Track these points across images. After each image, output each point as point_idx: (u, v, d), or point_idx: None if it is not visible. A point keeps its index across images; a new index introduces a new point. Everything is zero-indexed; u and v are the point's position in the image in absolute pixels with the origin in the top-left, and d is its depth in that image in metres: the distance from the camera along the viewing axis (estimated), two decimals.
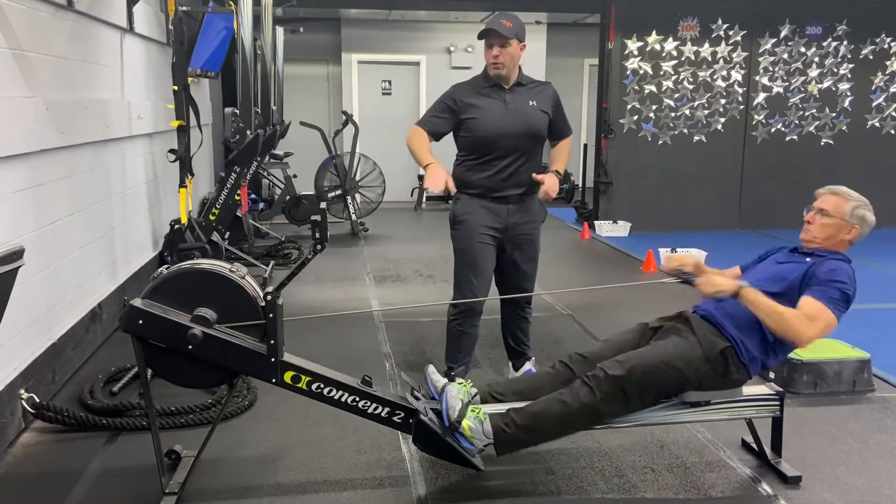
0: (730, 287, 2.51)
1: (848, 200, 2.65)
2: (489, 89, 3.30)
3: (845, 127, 8.53)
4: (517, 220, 3.33)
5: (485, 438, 2.46)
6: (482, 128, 3.25)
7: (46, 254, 3.37)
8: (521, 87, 3.32)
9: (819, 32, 8.34)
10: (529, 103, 3.29)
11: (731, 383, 2.61)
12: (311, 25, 9.58)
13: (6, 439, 2.89)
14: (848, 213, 2.63)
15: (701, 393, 2.59)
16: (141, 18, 4.95)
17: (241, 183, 5.78)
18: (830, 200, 2.68)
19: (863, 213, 2.64)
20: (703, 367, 2.53)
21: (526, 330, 3.57)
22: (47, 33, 3.44)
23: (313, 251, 2.42)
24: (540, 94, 3.34)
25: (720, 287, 2.52)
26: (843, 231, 2.64)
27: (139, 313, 2.33)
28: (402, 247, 7.31)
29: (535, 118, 3.29)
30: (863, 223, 2.64)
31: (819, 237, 2.66)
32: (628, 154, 8.24)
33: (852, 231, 2.63)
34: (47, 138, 3.34)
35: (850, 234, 2.64)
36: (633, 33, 8.09)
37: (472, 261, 3.32)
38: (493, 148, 3.25)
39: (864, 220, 2.64)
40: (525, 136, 3.25)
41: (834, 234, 2.64)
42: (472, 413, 2.48)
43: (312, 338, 4.07)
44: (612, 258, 6.96)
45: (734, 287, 2.50)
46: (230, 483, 2.64)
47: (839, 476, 2.76)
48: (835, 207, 2.65)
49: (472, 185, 3.32)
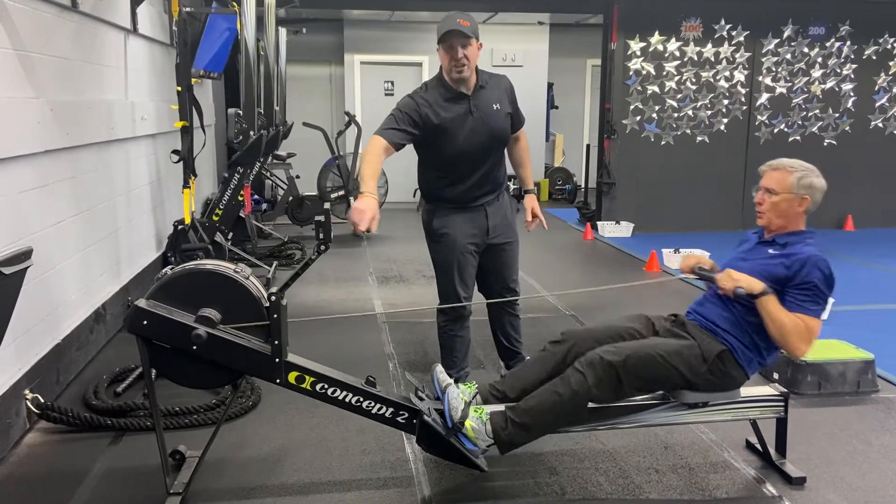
0: (756, 285, 2.47)
1: (791, 172, 2.58)
2: (453, 100, 3.12)
3: (848, 127, 8.51)
4: (495, 222, 3.30)
5: (488, 439, 2.46)
6: (452, 145, 3.13)
7: (51, 254, 3.38)
8: (482, 90, 3.17)
9: (822, 33, 8.32)
10: (494, 107, 3.18)
11: (729, 385, 2.60)
12: (314, 26, 9.59)
13: (11, 439, 2.89)
14: (794, 184, 2.56)
15: (699, 394, 2.59)
16: (144, 19, 4.96)
17: (244, 183, 5.79)
18: (774, 177, 2.61)
19: (809, 181, 2.57)
20: (700, 367, 2.52)
21: (517, 327, 3.52)
22: (51, 34, 3.45)
23: (317, 251, 2.42)
24: (499, 90, 3.24)
25: (740, 281, 2.49)
26: (795, 204, 2.57)
27: (143, 314, 2.33)
28: (404, 247, 7.31)
29: (501, 123, 3.22)
30: (812, 190, 2.57)
31: (773, 218, 2.62)
32: (631, 155, 8.24)
33: (804, 202, 2.57)
34: (51, 139, 3.35)
35: (803, 206, 2.58)
36: (636, 34, 8.09)
37: (458, 274, 3.26)
38: (464, 161, 3.17)
39: (813, 186, 2.57)
40: (493, 143, 3.20)
41: (787, 211, 2.58)
42: (475, 413, 2.48)
43: (316, 338, 4.08)
44: (615, 259, 6.95)
45: (760, 286, 2.47)
46: (234, 483, 2.65)
47: (844, 477, 2.75)
48: (779, 183, 2.59)
49: (447, 200, 3.25)
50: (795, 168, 2.59)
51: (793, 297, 2.49)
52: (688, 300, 2.84)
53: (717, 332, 2.58)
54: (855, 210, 8.39)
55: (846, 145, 8.48)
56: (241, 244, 6.29)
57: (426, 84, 3.22)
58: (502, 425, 2.47)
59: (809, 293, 2.47)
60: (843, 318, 4.82)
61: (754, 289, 2.47)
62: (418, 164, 3.34)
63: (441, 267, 3.33)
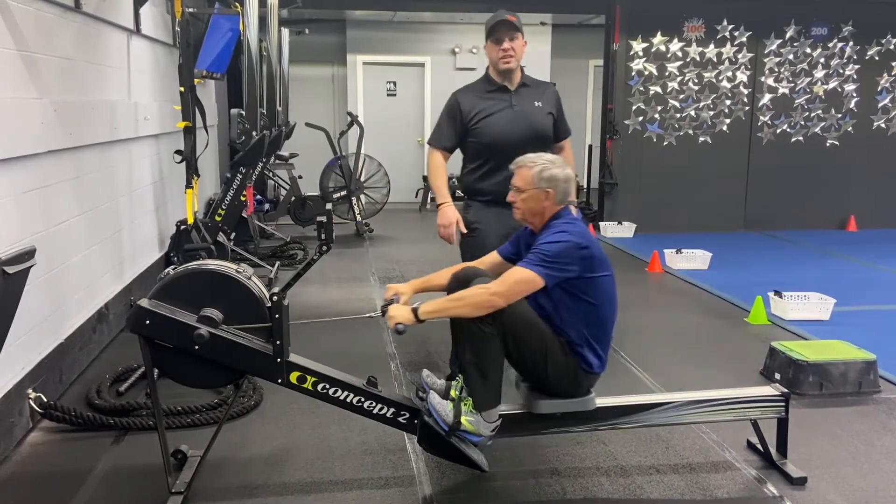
0: (404, 316, 2.43)
1: (531, 167, 2.58)
2: (494, 93, 3.26)
3: (851, 128, 8.50)
4: None
5: (487, 423, 2.47)
6: (489, 133, 3.22)
7: (54, 254, 3.39)
8: (525, 88, 3.30)
9: (825, 33, 8.32)
10: (535, 104, 3.27)
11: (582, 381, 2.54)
12: (317, 27, 9.60)
13: (14, 438, 2.90)
14: (534, 179, 2.56)
15: (552, 402, 2.53)
16: (147, 20, 4.97)
17: (246, 184, 5.79)
18: (520, 174, 2.61)
19: (549, 173, 2.55)
20: (559, 351, 2.47)
21: None
22: (55, 35, 3.46)
23: (319, 252, 2.43)
24: (544, 94, 3.33)
25: (396, 318, 2.44)
26: (541, 198, 2.56)
27: (146, 313, 2.34)
28: (406, 248, 7.32)
29: (541, 119, 3.28)
30: (554, 181, 2.54)
31: (528, 214, 2.62)
32: (633, 155, 8.24)
33: (549, 195, 2.55)
34: (55, 139, 3.36)
35: (549, 198, 2.56)
36: (638, 34, 8.09)
37: None
38: (500, 152, 3.21)
39: (554, 178, 2.55)
40: (532, 138, 3.23)
41: (536, 206, 2.57)
42: (466, 407, 2.48)
43: (318, 338, 4.08)
44: (617, 259, 6.95)
45: (408, 315, 2.42)
46: (236, 483, 2.65)
47: (845, 477, 2.75)
48: (523, 180, 2.59)
49: (483, 192, 3.30)
50: (535, 163, 2.59)
51: (527, 258, 2.46)
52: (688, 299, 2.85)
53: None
54: (857, 211, 8.38)
55: (849, 146, 8.47)
56: (244, 244, 6.30)
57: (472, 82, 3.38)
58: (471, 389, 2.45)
59: (536, 252, 2.44)
60: (845, 318, 4.82)
61: (405, 319, 2.42)
62: (462, 166, 3.40)
63: (467, 259, 3.34)
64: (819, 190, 8.41)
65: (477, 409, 2.47)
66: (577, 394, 2.56)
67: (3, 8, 2.91)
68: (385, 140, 10.16)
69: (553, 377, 2.51)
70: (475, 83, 3.36)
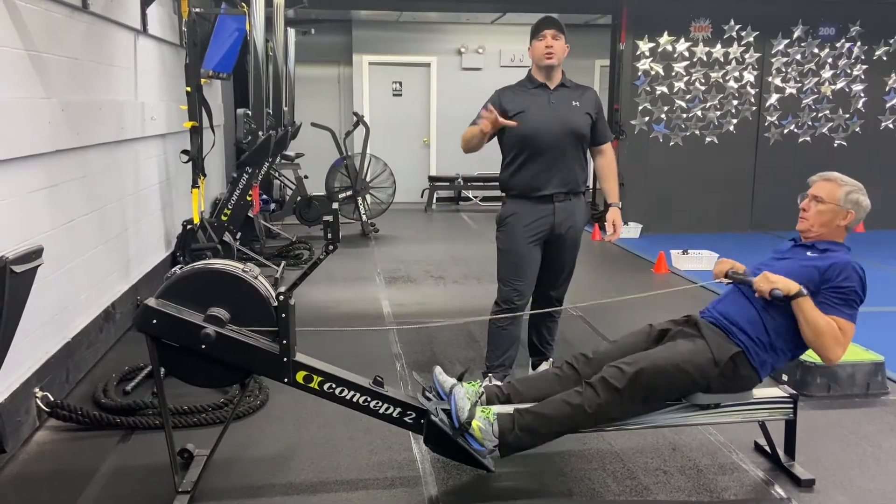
0: (792, 286, 2.48)
1: (841, 186, 2.64)
2: (534, 90, 3.33)
3: (859, 128, 8.47)
4: (561, 219, 3.33)
5: (494, 439, 2.46)
6: (525, 125, 3.26)
7: (61, 253, 3.40)
8: (564, 89, 3.35)
9: (832, 33, 8.28)
10: (573, 104, 3.31)
11: (741, 386, 2.60)
12: (323, 27, 9.61)
13: (21, 437, 2.91)
14: (842, 198, 2.62)
15: (711, 396, 2.58)
16: (154, 20, 4.98)
17: (252, 184, 5.80)
18: (824, 187, 2.67)
19: (857, 198, 2.63)
20: (711, 370, 2.52)
21: (553, 330, 3.59)
22: (62, 35, 3.47)
23: (325, 251, 2.42)
24: (583, 96, 3.37)
25: (777, 283, 2.49)
26: (839, 217, 2.63)
27: (153, 313, 2.35)
28: (412, 248, 7.32)
29: (578, 118, 3.30)
30: (857, 207, 2.63)
31: (815, 225, 2.67)
32: (639, 155, 8.22)
33: (848, 216, 2.63)
34: (62, 139, 3.37)
35: (846, 220, 2.63)
36: (645, 34, 8.07)
37: (514, 262, 3.34)
38: (535, 145, 3.25)
39: (859, 204, 2.63)
40: (568, 134, 3.26)
41: (830, 221, 2.64)
42: (482, 413, 2.48)
43: (324, 338, 4.08)
44: (623, 260, 6.93)
45: (796, 287, 2.48)
46: (242, 482, 2.66)
47: (853, 479, 2.74)
48: (829, 194, 2.64)
49: (517, 186, 3.34)
50: (846, 183, 2.66)
51: (828, 300, 2.51)
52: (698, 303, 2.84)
53: (733, 332, 2.57)
54: None
55: (856, 146, 8.44)
56: (250, 244, 6.31)
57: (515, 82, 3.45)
58: (510, 427, 2.47)
59: (845, 297, 2.49)
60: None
61: (791, 290, 2.48)
62: (501, 163, 3.43)
63: (500, 253, 3.42)
64: None
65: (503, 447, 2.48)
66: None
67: (12, 8, 2.92)
68: (391, 140, 10.17)
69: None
70: (517, 83, 3.43)
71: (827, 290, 2.51)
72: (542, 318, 3.55)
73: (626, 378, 2.46)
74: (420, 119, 10.58)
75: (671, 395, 2.57)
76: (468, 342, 4.28)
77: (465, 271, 6.21)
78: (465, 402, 2.47)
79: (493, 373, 3.35)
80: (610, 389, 2.46)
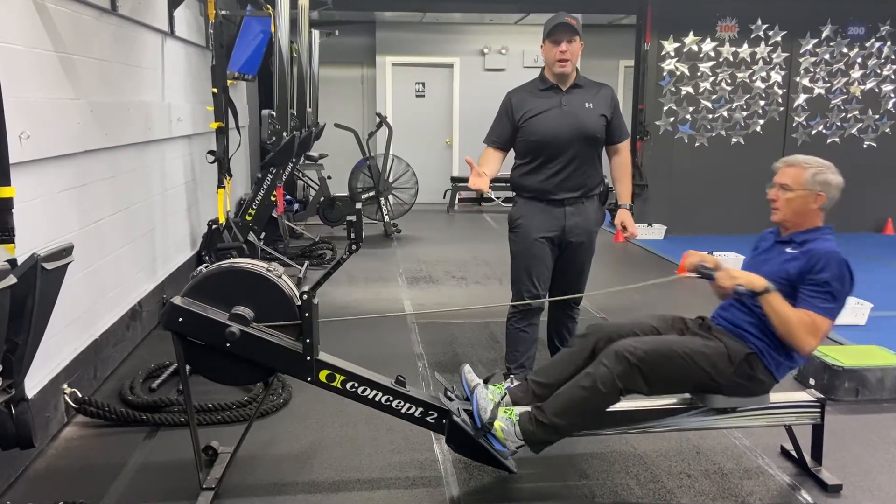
0: (756, 282, 2.43)
1: (806, 168, 2.53)
2: (545, 91, 3.28)
3: (889, 129, 8.31)
4: (574, 222, 3.30)
5: (517, 440, 2.45)
6: (536, 132, 3.24)
7: (89, 252, 3.45)
8: (578, 89, 3.29)
9: (861, 33, 8.15)
10: (586, 105, 3.26)
11: (757, 389, 2.55)
12: (347, 28, 9.66)
13: (49, 433, 2.96)
14: (809, 181, 2.51)
15: (728, 399, 2.54)
16: (181, 22, 5.04)
17: (276, 184, 5.85)
18: (788, 173, 2.57)
19: (825, 177, 2.51)
20: (727, 368, 2.46)
21: (573, 330, 3.56)
22: (91, 37, 3.52)
23: (349, 251, 2.43)
24: (597, 95, 3.31)
25: (738, 279, 2.45)
26: (810, 201, 2.52)
27: (179, 311, 2.37)
28: (434, 248, 7.33)
29: (591, 120, 3.25)
30: (827, 187, 2.51)
31: (788, 214, 2.57)
32: (664, 156, 8.15)
33: (819, 198, 2.52)
34: (91, 139, 3.42)
35: (818, 202, 2.52)
36: (670, 34, 8.00)
37: (527, 264, 3.32)
38: (547, 150, 3.23)
39: (828, 183, 2.51)
40: (579, 138, 3.22)
41: (801, 207, 2.54)
42: (505, 414, 2.47)
43: (346, 337, 4.10)
44: (647, 261, 6.88)
45: (762, 283, 2.43)
46: (266, 480, 2.68)
47: (881, 485, 2.69)
48: (794, 179, 2.54)
49: (528, 189, 3.32)
50: (810, 164, 2.55)
51: (804, 293, 2.44)
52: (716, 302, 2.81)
53: (745, 337, 2.53)
54: (895, 214, 8.21)
55: (886, 147, 8.29)
56: (274, 244, 6.36)
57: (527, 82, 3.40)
58: (531, 425, 2.46)
59: (820, 289, 2.41)
60: (883, 323, 4.71)
61: (755, 286, 2.43)
62: (513, 164, 3.42)
63: (513, 256, 3.40)
64: (855, 193, 8.12)
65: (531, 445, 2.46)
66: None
67: (42, 10, 2.97)
68: (413, 141, 10.19)
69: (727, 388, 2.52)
70: (529, 82, 3.38)
71: (804, 283, 2.44)
72: (561, 319, 3.53)
73: (638, 354, 2.39)
74: (443, 120, 10.60)
75: (681, 384, 2.52)
76: (490, 343, 4.28)
77: (486, 272, 6.21)
78: (488, 402, 2.46)
79: (514, 374, 3.34)
80: (622, 362, 2.39)
